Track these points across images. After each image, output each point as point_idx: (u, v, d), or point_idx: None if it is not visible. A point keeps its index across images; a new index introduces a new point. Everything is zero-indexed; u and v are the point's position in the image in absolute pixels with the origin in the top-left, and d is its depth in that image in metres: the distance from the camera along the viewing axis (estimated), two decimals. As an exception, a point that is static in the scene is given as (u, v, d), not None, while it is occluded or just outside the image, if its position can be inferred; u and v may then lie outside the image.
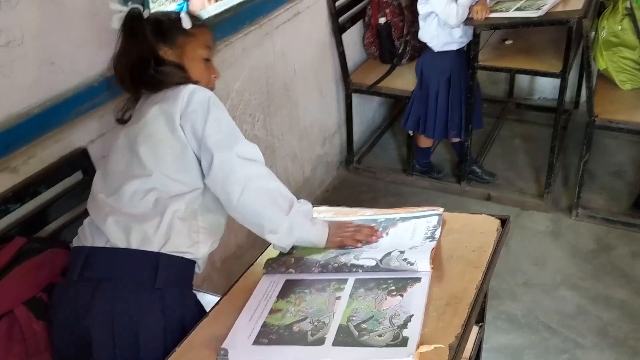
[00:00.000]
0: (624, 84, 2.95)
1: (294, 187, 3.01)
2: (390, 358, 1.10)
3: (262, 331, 1.23)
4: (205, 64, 1.59)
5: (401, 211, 1.55)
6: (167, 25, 1.55)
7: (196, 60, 1.57)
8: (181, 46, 1.55)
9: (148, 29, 1.51)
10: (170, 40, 1.54)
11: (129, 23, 1.50)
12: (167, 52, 1.54)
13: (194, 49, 1.56)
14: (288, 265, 1.41)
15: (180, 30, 1.54)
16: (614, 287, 2.59)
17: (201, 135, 1.40)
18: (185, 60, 1.55)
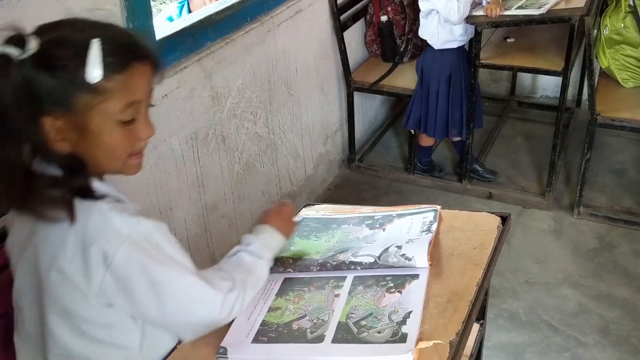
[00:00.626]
0: (627, 82, 2.95)
1: (296, 185, 3.01)
2: (389, 354, 1.10)
3: (261, 329, 1.23)
4: (127, 128, 1.02)
5: (398, 208, 1.55)
6: (59, 74, 0.95)
7: (106, 131, 1.00)
8: (80, 112, 0.97)
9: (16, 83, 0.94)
10: (60, 100, 0.97)
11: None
12: (54, 125, 0.98)
13: (104, 114, 0.99)
14: (286, 265, 1.40)
15: (81, 83, 0.95)
16: (616, 286, 2.59)
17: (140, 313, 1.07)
18: (85, 137, 1.00)
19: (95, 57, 0.95)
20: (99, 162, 1.04)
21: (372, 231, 1.47)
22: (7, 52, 0.94)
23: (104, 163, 1.05)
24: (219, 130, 2.33)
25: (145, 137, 1.06)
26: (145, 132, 1.05)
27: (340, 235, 1.48)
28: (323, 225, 1.55)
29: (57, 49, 0.96)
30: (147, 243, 1.01)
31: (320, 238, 1.49)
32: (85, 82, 0.95)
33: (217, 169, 2.37)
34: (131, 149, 1.05)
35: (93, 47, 0.95)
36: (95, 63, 0.95)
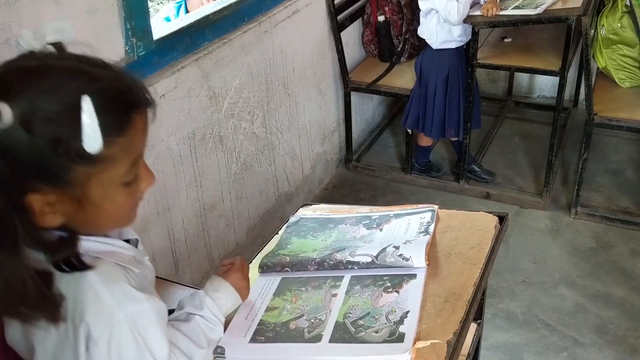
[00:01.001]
0: (623, 81, 2.95)
1: (293, 185, 3.01)
2: (387, 354, 1.10)
3: (259, 329, 1.23)
4: (129, 187, 0.90)
5: (395, 208, 1.55)
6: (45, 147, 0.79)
7: (108, 197, 0.88)
8: (78, 184, 0.83)
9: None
10: (51, 176, 0.81)
11: None
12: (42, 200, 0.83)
13: (106, 182, 0.86)
14: (283, 264, 1.40)
15: (78, 155, 0.80)
16: (613, 285, 2.59)
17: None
18: (85, 207, 0.86)
19: (91, 122, 0.78)
20: (98, 227, 0.92)
21: (369, 231, 1.47)
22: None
23: (104, 227, 0.94)
24: (216, 130, 2.33)
25: (148, 186, 0.93)
26: (147, 182, 0.93)
27: (338, 235, 1.48)
28: (320, 224, 1.55)
29: (41, 119, 0.78)
30: (131, 327, 0.90)
31: (317, 237, 1.49)
32: (82, 154, 0.79)
33: (215, 168, 2.37)
34: (135, 204, 0.94)
35: (85, 107, 0.78)
36: (93, 129, 0.78)
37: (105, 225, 0.94)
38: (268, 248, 1.52)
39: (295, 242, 1.49)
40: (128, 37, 1.89)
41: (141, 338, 0.91)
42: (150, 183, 0.93)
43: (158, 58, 2.04)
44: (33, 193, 0.81)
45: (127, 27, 1.87)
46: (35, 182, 0.81)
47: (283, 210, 2.88)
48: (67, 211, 0.86)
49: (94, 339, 0.87)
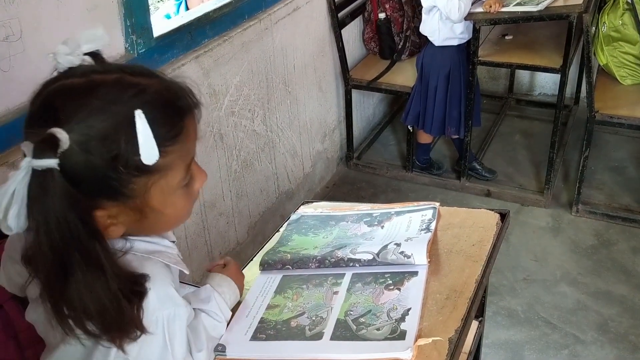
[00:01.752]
0: (625, 79, 2.95)
1: (294, 183, 3.01)
2: (388, 351, 1.09)
3: (260, 327, 1.22)
4: (186, 189, 0.92)
5: (397, 206, 1.55)
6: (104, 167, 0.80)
7: (169, 203, 0.89)
8: (138, 195, 0.85)
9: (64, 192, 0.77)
10: (113, 192, 0.83)
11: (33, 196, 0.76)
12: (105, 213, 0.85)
13: (164, 189, 0.87)
14: (284, 262, 1.40)
15: (136, 169, 0.82)
16: (614, 283, 2.59)
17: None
18: (147, 215, 0.88)
19: (146, 135, 0.79)
20: (157, 231, 0.95)
21: (371, 228, 1.47)
22: (46, 166, 0.75)
23: (164, 230, 0.96)
24: (216, 128, 2.33)
25: (201, 185, 0.95)
26: (201, 181, 0.95)
27: (339, 232, 1.48)
28: (321, 222, 1.55)
29: (98, 137, 0.78)
30: (165, 328, 0.93)
31: (319, 235, 1.49)
32: (140, 167, 0.81)
33: (215, 166, 2.36)
34: (192, 204, 0.95)
35: (139, 122, 0.78)
36: (149, 142, 0.79)
37: (164, 229, 0.96)
38: (269, 246, 1.52)
39: (296, 240, 1.48)
40: (128, 34, 1.88)
41: (169, 341, 0.93)
42: (203, 181, 0.95)
43: (158, 55, 2.03)
44: (97, 210, 0.83)
45: (127, 25, 1.87)
46: (98, 200, 0.82)
47: (283, 208, 2.88)
48: (129, 221, 0.88)
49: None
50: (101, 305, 0.82)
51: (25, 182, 0.76)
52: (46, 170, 0.76)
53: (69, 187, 0.78)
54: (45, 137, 0.76)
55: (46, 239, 0.78)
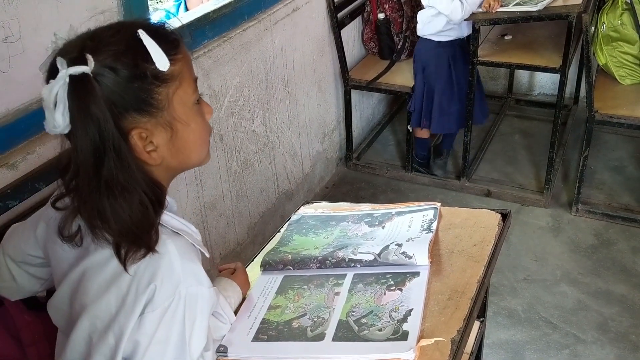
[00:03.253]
0: (624, 79, 2.95)
1: (294, 183, 3.01)
2: (391, 352, 1.09)
3: (261, 328, 1.22)
4: (199, 109, 1.02)
5: (398, 206, 1.54)
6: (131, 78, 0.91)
7: (191, 115, 1.00)
8: (164, 106, 0.95)
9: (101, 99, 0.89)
10: (143, 103, 0.93)
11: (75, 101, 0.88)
12: (145, 132, 0.95)
13: (184, 100, 0.98)
14: (285, 262, 1.40)
15: (155, 77, 0.93)
16: (615, 282, 2.59)
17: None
18: (177, 129, 0.98)
19: (154, 46, 0.92)
20: (190, 154, 1.02)
21: (372, 229, 1.46)
22: (81, 71, 0.88)
23: (195, 154, 1.03)
24: (216, 128, 2.33)
25: (210, 113, 1.05)
26: (209, 109, 1.05)
27: (340, 232, 1.48)
28: (322, 222, 1.55)
29: (115, 55, 0.91)
30: (186, 306, 0.97)
31: (319, 235, 1.49)
32: (157, 74, 0.93)
33: (215, 167, 2.36)
34: (209, 131, 1.05)
35: (144, 37, 0.91)
36: (157, 51, 0.92)
37: (196, 153, 1.03)
38: (269, 246, 1.52)
39: (297, 240, 1.48)
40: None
41: (190, 322, 0.97)
42: (211, 111, 1.05)
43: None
44: (133, 129, 0.93)
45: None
46: (132, 116, 0.92)
47: (283, 209, 2.88)
48: (163, 142, 0.97)
49: (154, 303, 0.94)
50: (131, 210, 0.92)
51: (64, 88, 0.87)
52: (83, 78, 0.87)
53: (105, 95, 0.89)
54: (75, 55, 0.89)
55: (87, 140, 0.89)
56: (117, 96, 0.90)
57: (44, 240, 1.10)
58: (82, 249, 0.99)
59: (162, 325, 0.95)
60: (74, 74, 0.88)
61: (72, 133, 0.90)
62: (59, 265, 1.05)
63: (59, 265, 1.05)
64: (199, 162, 1.06)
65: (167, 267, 0.95)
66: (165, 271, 0.95)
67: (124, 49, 0.91)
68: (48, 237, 1.07)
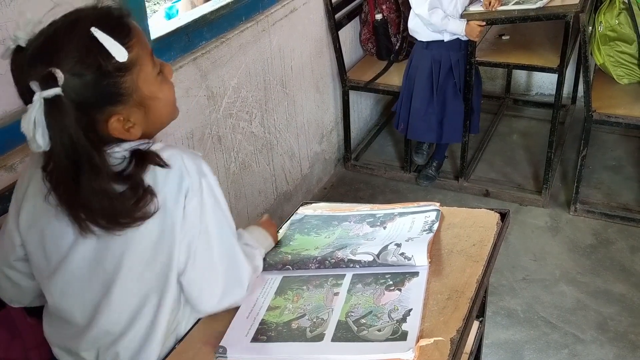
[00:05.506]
0: (622, 78, 2.95)
1: (292, 184, 3.01)
2: (390, 352, 1.09)
3: (260, 328, 1.22)
4: (161, 77, 1.12)
5: (399, 206, 1.54)
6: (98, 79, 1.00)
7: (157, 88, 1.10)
8: (132, 91, 1.05)
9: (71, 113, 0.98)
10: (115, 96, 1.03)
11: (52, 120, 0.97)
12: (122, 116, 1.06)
13: (147, 78, 1.07)
14: (285, 263, 1.40)
15: (117, 69, 1.01)
16: (613, 282, 2.59)
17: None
18: (148, 105, 1.08)
19: (109, 41, 0.99)
20: (163, 119, 1.15)
21: (373, 229, 1.46)
22: (53, 94, 0.96)
23: (167, 117, 1.16)
24: (214, 129, 2.32)
25: (171, 73, 1.15)
26: (169, 70, 1.15)
27: (341, 232, 1.48)
28: (324, 222, 1.55)
29: (78, 62, 0.98)
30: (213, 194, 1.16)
31: (320, 234, 1.49)
32: (119, 66, 1.01)
33: (213, 168, 2.33)
34: (173, 91, 1.15)
35: (99, 35, 0.99)
36: (114, 45, 0.99)
37: (168, 117, 1.16)
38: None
39: (298, 239, 1.48)
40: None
41: (218, 204, 1.17)
42: (171, 71, 1.15)
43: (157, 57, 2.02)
44: (111, 117, 1.04)
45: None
46: (107, 108, 1.03)
47: (282, 210, 2.87)
48: (140, 119, 1.08)
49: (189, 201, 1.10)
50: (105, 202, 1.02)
51: (41, 110, 0.96)
52: (54, 98, 0.96)
53: (74, 108, 0.97)
54: (45, 74, 0.96)
55: (62, 150, 0.98)
56: (88, 98, 1.00)
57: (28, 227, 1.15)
58: None
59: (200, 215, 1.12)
60: (47, 97, 0.96)
61: (51, 147, 0.99)
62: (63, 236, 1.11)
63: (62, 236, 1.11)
64: (172, 120, 1.19)
65: (184, 169, 1.09)
66: (185, 172, 1.09)
67: (85, 52, 0.99)
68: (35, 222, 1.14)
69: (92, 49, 0.98)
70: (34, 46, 1.00)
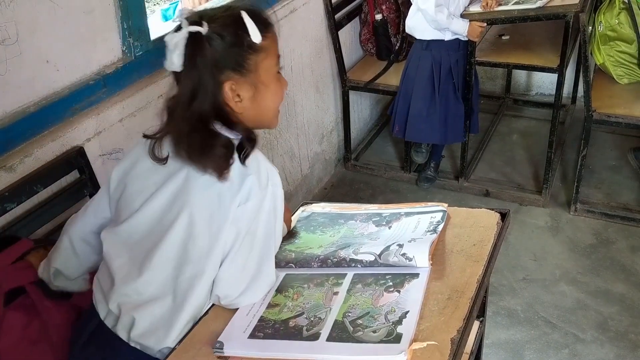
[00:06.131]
0: (621, 78, 2.95)
1: (292, 185, 3.01)
2: (382, 354, 1.09)
3: (259, 325, 1.23)
4: (279, 79, 1.29)
5: (406, 206, 1.54)
6: (232, 44, 1.19)
7: (271, 81, 1.26)
8: (253, 70, 1.22)
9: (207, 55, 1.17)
10: (238, 65, 1.21)
11: (188, 50, 1.18)
12: (235, 86, 1.21)
13: (268, 68, 1.24)
14: (288, 260, 1.41)
15: (249, 47, 1.20)
16: (614, 282, 2.59)
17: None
18: (259, 89, 1.24)
19: (251, 24, 1.18)
20: (265, 111, 1.28)
21: (378, 228, 1.47)
22: (197, 30, 1.16)
23: (269, 112, 1.29)
24: (214, 130, 2.32)
25: (286, 85, 1.31)
26: (285, 82, 1.31)
27: (346, 231, 1.49)
28: (330, 220, 1.56)
29: (223, 26, 1.18)
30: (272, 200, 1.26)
31: (326, 233, 1.50)
32: (252, 44, 1.19)
33: (213, 169, 2.36)
34: (282, 99, 1.31)
35: (245, 17, 1.18)
36: (254, 28, 1.18)
37: (269, 114, 1.29)
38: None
39: (303, 237, 1.50)
40: (125, 37, 1.88)
41: (274, 213, 1.27)
42: (286, 84, 1.31)
43: (155, 58, 2.01)
44: (227, 81, 1.20)
45: (124, 27, 1.87)
46: (228, 72, 1.20)
47: (282, 210, 2.87)
48: (247, 96, 1.23)
49: (250, 196, 1.21)
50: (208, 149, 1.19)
51: (184, 40, 1.17)
52: (197, 35, 1.16)
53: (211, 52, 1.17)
54: (195, 20, 1.18)
55: (189, 82, 1.19)
56: (220, 55, 1.18)
57: (121, 180, 1.31)
58: (171, 168, 1.24)
59: (254, 218, 1.22)
60: (191, 31, 1.16)
61: (180, 74, 1.19)
62: (141, 192, 1.27)
63: (140, 193, 1.27)
64: (269, 123, 1.32)
65: (257, 168, 1.23)
66: (256, 172, 1.22)
67: (230, 22, 1.19)
68: (127, 174, 1.31)
69: (237, 23, 1.18)
70: (196, 12, 1.22)
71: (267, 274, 1.29)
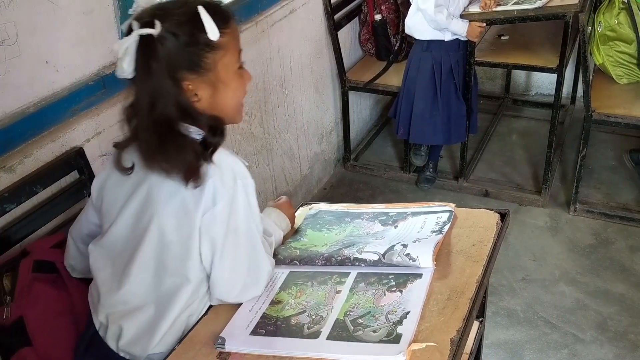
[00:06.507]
0: (621, 78, 2.95)
1: (292, 185, 3.01)
2: (381, 354, 1.09)
3: (261, 322, 1.23)
4: (240, 75, 1.25)
5: (413, 206, 1.54)
6: (187, 44, 1.14)
7: (232, 78, 1.22)
8: (211, 68, 1.17)
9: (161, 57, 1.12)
10: (194, 65, 1.16)
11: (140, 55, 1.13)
12: (192, 86, 1.18)
13: (227, 65, 1.20)
14: (293, 257, 1.41)
15: (206, 45, 1.16)
16: (613, 282, 2.59)
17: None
18: (218, 88, 1.20)
19: (209, 20, 1.13)
20: (226, 109, 1.24)
21: (384, 227, 1.47)
22: (149, 32, 1.11)
23: (230, 110, 1.25)
24: (214, 130, 2.32)
25: (249, 79, 1.27)
26: (248, 76, 1.27)
27: (352, 230, 1.49)
28: (337, 218, 1.56)
29: (178, 24, 1.13)
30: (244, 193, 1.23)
31: (332, 231, 1.50)
32: (208, 43, 1.15)
33: (213, 169, 2.36)
34: (244, 94, 1.27)
35: (202, 12, 1.13)
36: (211, 24, 1.13)
37: (231, 110, 1.26)
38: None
39: (309, 235, 1.50)
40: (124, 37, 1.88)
41: (249, 205, 1.24)
42: (250, 77, 1.27)
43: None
44: (183, 82, 1.16)
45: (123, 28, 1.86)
46: (184, 72, 1.15)
47: (282, 211, 2.87)
48: (206, 97, 1.19)
49: (219, 195, 1.18)
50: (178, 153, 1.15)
51: (134, 44, 1.11)
52: (149, 38, 1.10)
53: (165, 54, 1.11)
54: (146, 20, 1.12)
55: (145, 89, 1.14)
56: (174, 56, 1.13)
57: (99, 191, 1.31)
58: (138, 177, 1.22)
59: (230, 214, 1.19)
60: (142, 34, 1.10)
61: (135, 80, 1.15)
62: (115, 203, 1.27)
63: (114, 204, 1.27)
64: (232, 119, 1.28)
65: (219, 168, 1.18)
66: (218, 173, 1.18)
67: (185, 19, 1.13)
68: (103, 185, 1.30)
69: (193, 20, 1.13)
70: (149, 7, 1.16)
71: (262, 264, 1.29)
